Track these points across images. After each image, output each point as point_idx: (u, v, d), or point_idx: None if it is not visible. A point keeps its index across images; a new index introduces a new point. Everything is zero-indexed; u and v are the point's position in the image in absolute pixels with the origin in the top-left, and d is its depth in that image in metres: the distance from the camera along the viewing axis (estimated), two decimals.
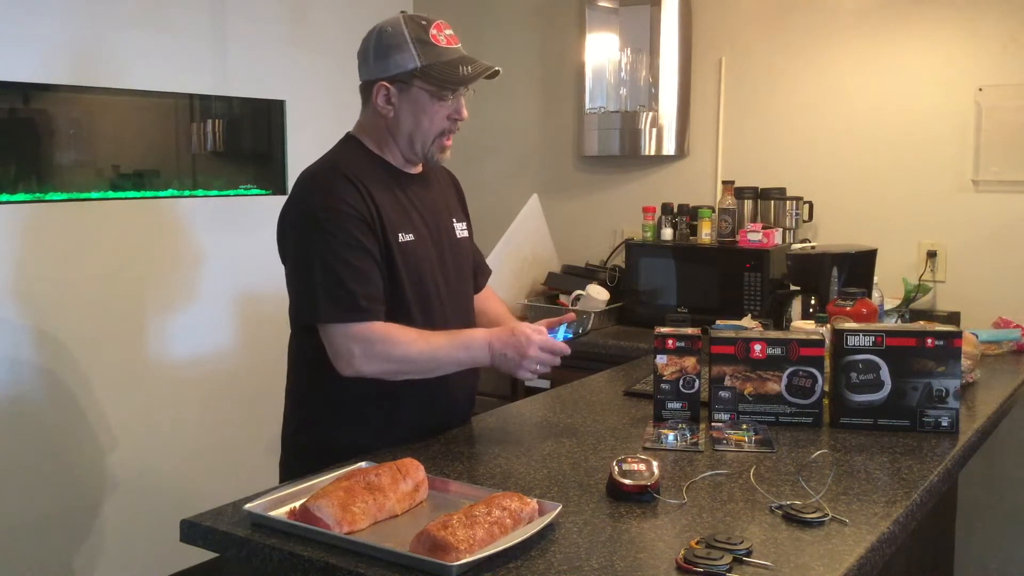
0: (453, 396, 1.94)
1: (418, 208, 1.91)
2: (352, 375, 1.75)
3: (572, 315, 1.97)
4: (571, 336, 1.92)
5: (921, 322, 2.54)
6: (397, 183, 1.89)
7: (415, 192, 1.92)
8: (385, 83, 1.84)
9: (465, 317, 2.01)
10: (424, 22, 1.83)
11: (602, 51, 3.67)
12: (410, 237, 1.85)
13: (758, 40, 3.41)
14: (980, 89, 3.01)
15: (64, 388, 3.00)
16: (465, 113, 1.89)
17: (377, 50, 1.84)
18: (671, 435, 1.86)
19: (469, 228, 2.10)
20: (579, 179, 3.84)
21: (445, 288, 1.92)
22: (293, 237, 1.82)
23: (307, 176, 1.86)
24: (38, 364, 2.94)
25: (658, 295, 3.31)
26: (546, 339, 1.83)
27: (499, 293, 3.29)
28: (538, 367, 1.82)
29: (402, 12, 1.88)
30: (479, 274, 2.17)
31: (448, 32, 1.85)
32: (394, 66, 1.82)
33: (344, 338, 1.74)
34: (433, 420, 1.91)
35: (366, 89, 1.89)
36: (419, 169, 1.97)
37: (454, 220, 2.02)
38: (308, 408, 1.89)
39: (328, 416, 1.85)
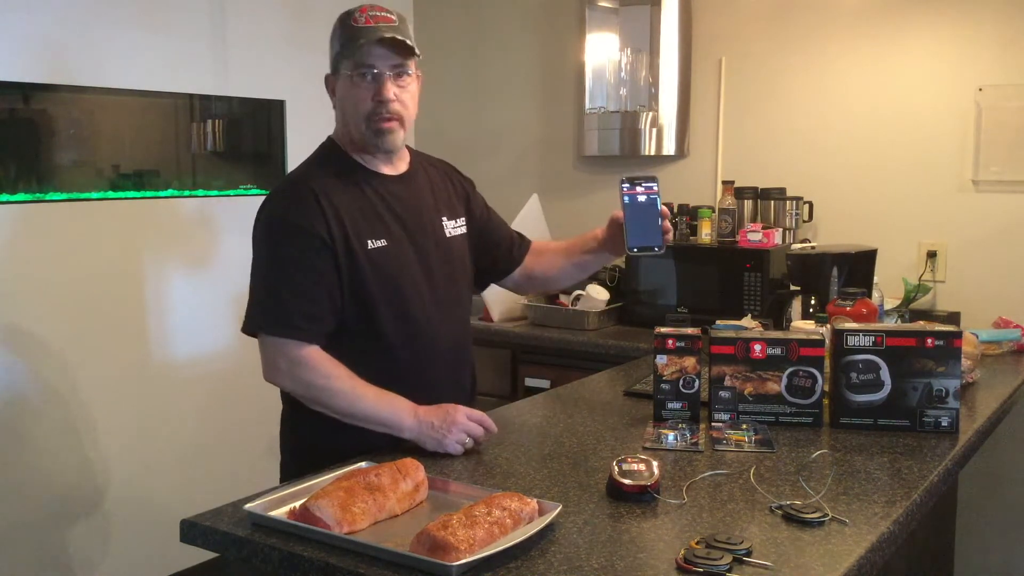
0: (452, 398, 1.92)
1: (395, 211, 1.87)
2: (273, 384, 1.79)
3: None
4: None
5: (921, 322, 2.54)
6: (371, 186, 1.87)
7: (393, 193, 1.89)
8: (329, 76, 1.89)
9: (458, 321, 1.97)
10: (354, 7, 1.83)
11: (602, 51, 3.67)
12: (382, 243, 1.82)
13: (758, 40, 3.41)
14: (980, 89, 3.01)
15: (63, 387, 3.00)
16: (387, 94, 1.81)
17: (329, 44, 1.89)
18: (671, 435, 1.86)
19: (473, 221, 2.06)
20: (579, 179, 3.84)
21: (430, 293, 1.88)
22: (255, 248, 1.83)
23: (278, 185, 1.88)
24: (38, 363, 2.94)
25: (658, 295, 3.31)
26: (474, 412, 1.78)
27: (499, 294, 3.31)
28: (466, 438, 1.76)
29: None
30: (514, 248, 2.15)
31: (374, 13, 1.82)
32: (331, 57, 1.88)
33: (274, 350, 1.76)
34: None
35: None
36: (401, 169, 1.94)
37: (444, 218, 1.97)
38: (306, 411, 1.87)
39: (326, 419, 1.83)
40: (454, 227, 1.99)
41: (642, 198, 1.79)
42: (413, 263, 1.87)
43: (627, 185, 1.79)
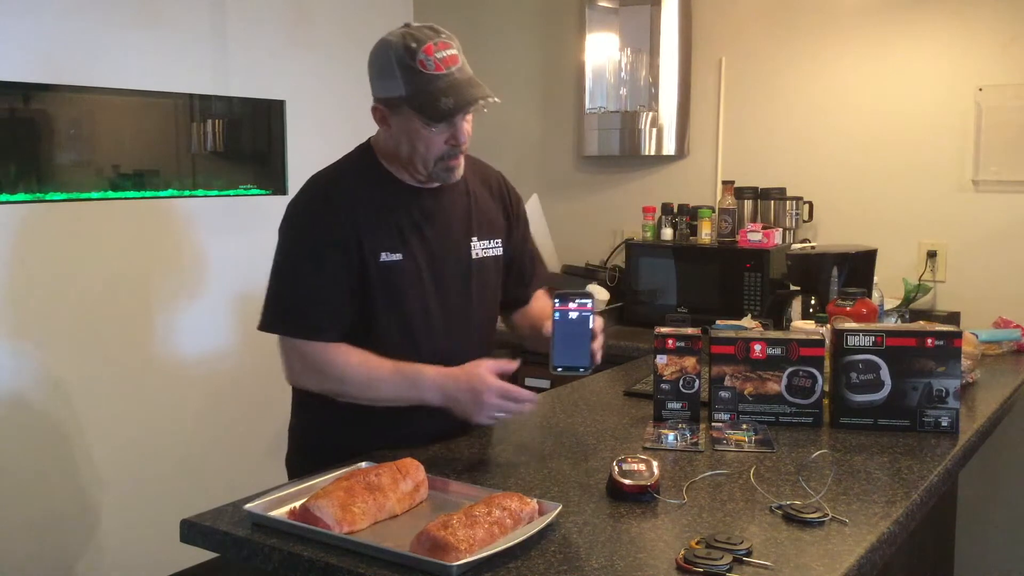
0: (447, 425, 1.86)
1: (420, 226, 1.83)
2: (294, 385, 1.80)
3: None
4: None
5: (921, 322, 2.54)
6: (399, 199, 1.83)
7: (422, 208, 1.84)
8: (379, 105, 1.80)
9: (472, 343, 1.90)
10: (414, 44, 1.71)
11: (602, 51, 3.67)
12: (396, 257, 1.79)
13: (758, 40, 3.41)
14: (980, 89, 3.01)
15: (64, 388, 3.00)
16: (464, 137, 1.77)
17: (372, 68, 1.80)
18: (671, 435, 1.86)
19: (514, 242, 2.00)
20: (579, 179, 3.84)
21: (440, 311, 1.85)
22: (277, 244, 1.84)
23: (307, 185, 1.86)
24: (38, 364, 2.94)
25: (658, 295, 3.31)
26: (503, 386, 1.71)
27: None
28: (499, 414, 1.73)
29: (405, 25, 1.78)
30: (523, 285, 2.06)
31: (441, 54, 1.71)
32: (384, 88, 1.77)
33: (290, 351, 1.78)
34: (439, 427, 1.85)
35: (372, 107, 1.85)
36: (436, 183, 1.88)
37: (474, 239, 1.90)
38: (315, 409, 1.87)
39: (335, 418, 1.83)
40: (485, 248, 1.93)
41: (573, 315, 1.74)
42: (425, 281, 1.83)
43: (559, 301, 1.74)
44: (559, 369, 1.73)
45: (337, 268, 1.76)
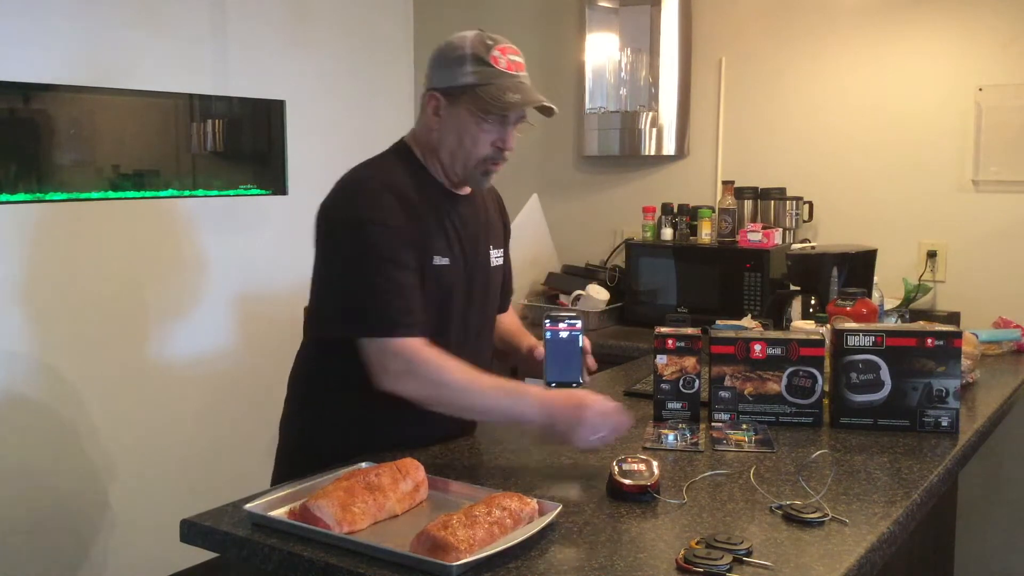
0: (459, 425, 1.89)
1: (459, 232, 1.84)
2: (388, 391, 1.68)
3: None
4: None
5: (921, 322, 2.54)
6: (443, 204, 1.83)
7: (459, 215, 1.85)
8: (437, 93, 1.79)
9: (488, 349, 1.94)
10: (490, 42, 1.78)
11: (602, 51, 3.67)
12: (445, 261, 1.79)
13: (758, 40, 3.41)
14: (980, 89, 3.01)
15: (64, 388, 3.00)
16: (511, 143, 1.80)
17: (438, 60, 1.80)
18: (671, 435, 1.86)
19: (506, 254, 2.04)
20: (579, 179, 3.84)
21: (463, 317, 1.86)
22: (332, 246, 1.75)
23: (357, 183, 1.78)
24: (38, 364, 2.94)
25: (658, 295, 3.31)
26: (606, 405, 1.66)
27: None
28: (600, 434, 1.65)
29: (479, 29, 1.83)
30: (503, 296, 2.08)
31: (513, 58, 1.79)
32: (449, 78, 1.77)
33: (381, 353, 1.67)
34: (439, 432, 1.86)
35: (423, 97, 1.84)
36: (467, 190, 1.89)
37: (491, 247, 1.94)
38: (321, 409, 1.86)
39: (340, 419, 1.82)
40: (496, 256, 1.96)
41: (564, 334, 1.81)
42: (462, 286, 1.84)
43: (549, 322, 1.81)
44: (552, 385, 1.80)
45: (413, 265, 1.72)
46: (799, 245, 3.13)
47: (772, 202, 3.27)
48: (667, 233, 3.38)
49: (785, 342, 1.95)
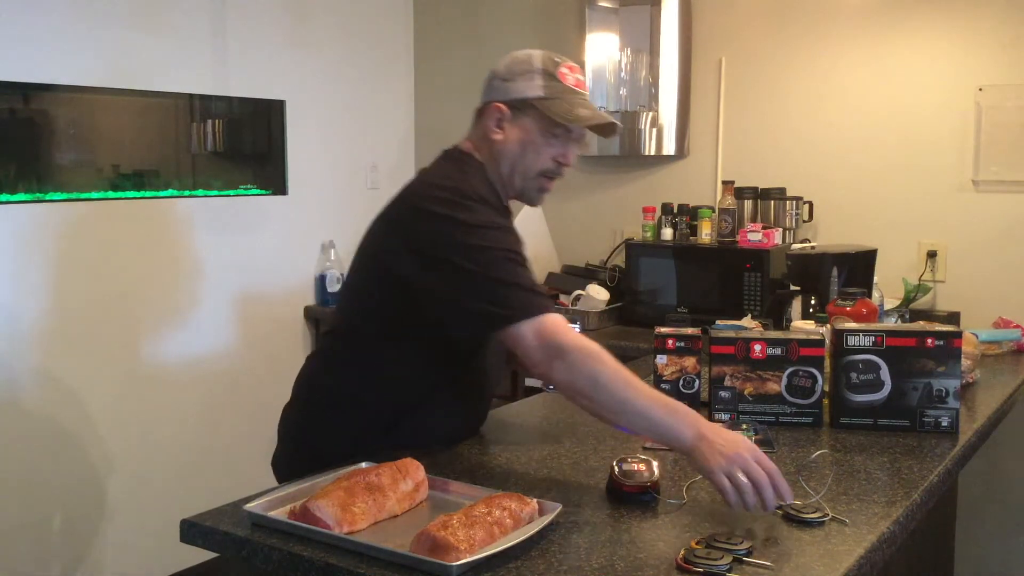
0: (478, 413, 1.92)
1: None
2: (544, 380, 1.63)
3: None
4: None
5: (921, 322, 2.54)
6: (507, 217, 1.86)
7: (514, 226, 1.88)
8: (501, 105, 1.78)
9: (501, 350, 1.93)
10: (557, 59, 1.80)
11: (602, 51, 3.67)
12: None
13: (758, 40, 3.41)
14: (980, 89, 3.01)
15: (63, 388, 3.00)
16: (571, 159, 1.81)
17: (504, 74, 1.80)
18: None
19: None
20: (579, 179, 3.84)
21: None
22: (445, 250, 1.66)
23: (448, 191, 1.71)
24: (38, 364, 2.94)
25: (658, 295, 3.31)
26: (763, 456, 1.47)
27: None
28: (741, 478, 1.43)
29: (543, 50, 1.82)
30: None
31: (579, 76, 1.82)
32: (515, 91, 1.78)
33: (536, 338, 1.61)
34: (450, 431, 1.86)
35: (480, 111, 1.84)
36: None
37: None
38: (325, 408, 1.85)
39: (344, 419, 1.81)
40: None
41: None
42: None
43: None
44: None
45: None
46: (799, 245, 3.13)
47: (772, 202, 3.27)
48: (667, 233, 3.38)
49: (785, 342, 1.95)
